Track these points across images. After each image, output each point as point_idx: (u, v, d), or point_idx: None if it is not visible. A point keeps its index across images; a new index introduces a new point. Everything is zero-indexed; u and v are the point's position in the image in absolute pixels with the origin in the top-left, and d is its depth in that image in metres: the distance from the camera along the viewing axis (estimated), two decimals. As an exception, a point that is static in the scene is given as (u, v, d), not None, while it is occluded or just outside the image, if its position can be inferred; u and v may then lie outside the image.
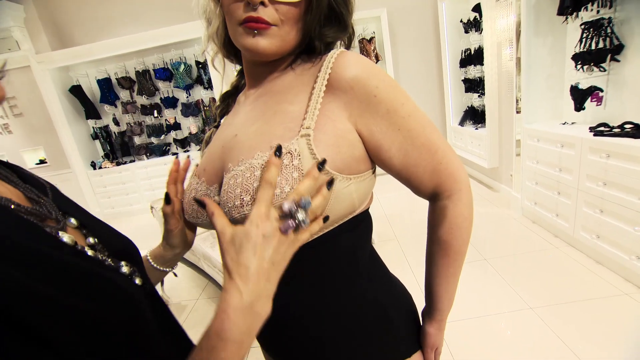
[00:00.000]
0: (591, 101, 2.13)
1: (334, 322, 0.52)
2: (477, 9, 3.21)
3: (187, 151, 4.53)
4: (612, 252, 1.83)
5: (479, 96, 3.49)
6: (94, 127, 4.85)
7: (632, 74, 1.89)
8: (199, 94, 4.39)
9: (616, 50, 1.89)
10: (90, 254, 0.38)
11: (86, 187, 4.78)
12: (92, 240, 0.40)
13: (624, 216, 1.74)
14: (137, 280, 0.41)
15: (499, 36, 2.85)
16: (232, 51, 0.54)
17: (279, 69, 0.51)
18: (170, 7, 4.29)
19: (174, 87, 4.33)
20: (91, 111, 4.69)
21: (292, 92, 0.48)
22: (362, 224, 0.53)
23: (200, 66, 4.24)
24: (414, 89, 4.36)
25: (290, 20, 0.45)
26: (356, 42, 4.16)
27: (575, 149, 1.99)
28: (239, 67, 0.61)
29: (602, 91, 2.05)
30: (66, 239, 0.36)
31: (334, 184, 0.43)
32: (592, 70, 2.06)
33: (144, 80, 4.39)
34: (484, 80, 3.16)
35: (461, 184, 0.51)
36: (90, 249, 0.38)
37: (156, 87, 4.44)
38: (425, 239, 0.57)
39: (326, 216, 0.43)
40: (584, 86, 2.17)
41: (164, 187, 0.56)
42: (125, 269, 0.41)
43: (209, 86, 4.26)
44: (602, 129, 1.89)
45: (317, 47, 0.49)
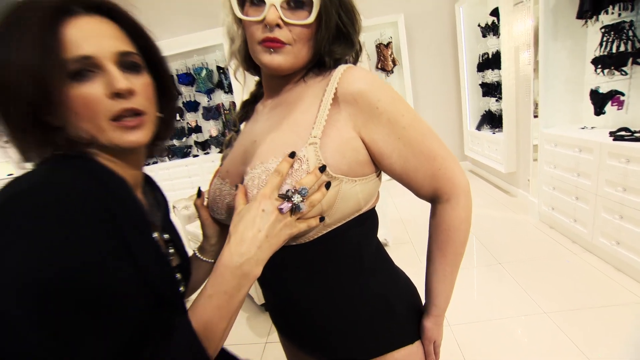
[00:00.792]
0: (612, 105, 2.10)
1: (339, 311, 0.57)
2: (495, 13, 3.20)
3: (207, 153, 4.68)
4: (633, 259, 1.79)
5: (497, 100, 3.46)
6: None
7: (655, 77, 1.86)
8: (220, 98, 4.54)
9: (638, 53, 1.87)
10: (168, 252, 0.53)
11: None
12: (161, 236, 0.53)
13: (644, 222, 1.71)
14: (182, 287, 0.54)
15: (516, 40, 2.84)
16: (251, 65, 0.60)
17: (292, 81, 0.58)
18: (193, 14, 4.47)
19: (196, 91, 4.50)
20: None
21: (303, 103, 0.54)
22: (368, 221, 0.58)
23: (221, 71, 4.40)
24: (431, 93, 4.36)
25: (302, 39, 0.51)
26: (373, 47, 4.21)
27: (593, 153, 1.97)
28: (257, 78, 0.68)
29: (623, 95, 2.02)
30: (155, 235, 0.48)
31: (331, 186, 0.49)
32: (613, 74, 2.04)
33: (167, 85, 4.59)
34: (501, 84, 3.14)
35: (459, 189, 0.54)
36: (167, 246, 0.54)
37: (179, 91, 4.63)
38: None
39: (321, 217, 0.50)
40: (604, 90, 2.14)
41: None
42: (180, 279, 0.53)
43: (229, 90, 4.41)
44: (622, 133, 1.87)
45: (327, 62, 0.55)
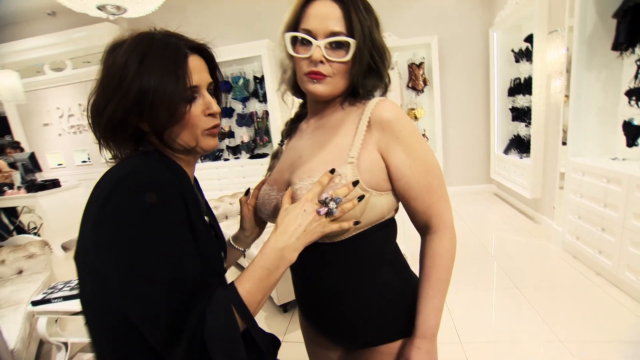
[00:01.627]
0: (644, 138, 2.07)
1: (361, 300, 0.67)
2: (529, 39, 3.23)
3: (238, 158, 4.91)
4: (659, 296, 1.75)
5: (526, 125, 3.45)
6: (159, 130, 5.45)
7: (691, 113, 1.84)
8: (254, 106, 4.79)
9: (672, 88, 1.85)
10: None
11: (147, 182, 5.35)
12: (208, 219, 0.67)
13: (672, 258, 1.67)
14: (223, 255, 0.67)
15: (549, 67, 2.85)
16: (297, 91, 0.73)
17: (331, 106, 0.70)
18: (237, 26, 4.78)
19: (232, 98, 4.77)
20: (159, 116, 5.30)
21: (342, 128, 0.66)
22: (389, 227, 0.69)
23: (257, 81, 4.65)
24: (460, 114, 4.39)
25: (340, 73, 0.63)
26: (405, 66, 4.31)
27: (622, 185, 1.95)
28: (300, 100, 0.81)
29: (656, 129, 2.00)
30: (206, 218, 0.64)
31: (364, 199, 0.61)
32: (647, 107, 2.02)
33: (207, 91, 4.90)
34: (531, 109, 3.14)
35: (446, 224, 0.66)
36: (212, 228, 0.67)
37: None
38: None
39: (356, 221, 0.61)
40: (638, 122, 2.12)
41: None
42: (223, 255, 0.69)
43: (264, 100, 4.64)
44: (653, 167, 1.85)
45: (360, 93, 0.66)
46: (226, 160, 4.93)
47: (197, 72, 0.56)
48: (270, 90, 4.51)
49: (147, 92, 0.51)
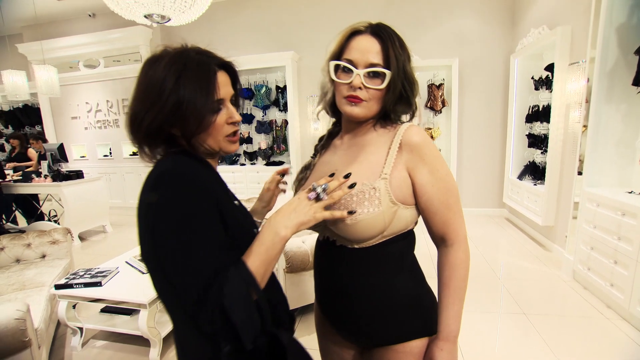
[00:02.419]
0: (661, 174, 2.08)
1: (378, 301, 0.73)
2: (549, 68, 3.28)
3: (254, 164, 5.03)
4: (669, 334, 1.73)
5: (542, 153, 3.46)
6: (180, 131, 5.64)
7: None
8: (274, 114, 4.92)
9: (691, 127, 1.87)
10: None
11: (164, 180, 5.51)
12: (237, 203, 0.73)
13: (684, 297, 1.66)
14: (256, 230, 0.73)
15: (568, 98, 2.88)
16: (334, 111, 0.84)
17: (364, 127, 0.79)
18: (262, 36, 4.97)
19: (253, 105, 4.92)
20: (181, 117, 5.48)
21: (374, 147, 0.75)
22: (410, 237, 0.77)
23: (279, 90, 4.79)
24: (476, 137, 4.42)
25: (375, 98, 0.72)
26: (425, 86, 4.39)
27: (637, 219, 1.95)
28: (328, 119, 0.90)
29: (673, 166, 2.00)
30: (236, 201, 0.71)
31: (392, 209, 0.69)
32: (665, 143, 2.04)
33: (229, 97, 5.07)
34: (548, 137, 3.16)
35: (460, 238, 0.73)
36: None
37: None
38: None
39: (350, 211, 0.67)
40: (655, 158, 2.13)
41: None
42: (255, 230, 0.74)
43: (284, 109, 4.77)
44: (668, 203, 1.85)
45: (392, 117, 0.76)
46: (242, 165, 5.05)
47: (223, 86, 0.64)
48: (291, 100, 4.64)
49: (182, 104, 0.59)
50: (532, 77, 3.64)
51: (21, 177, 4.34)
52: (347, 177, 0.66)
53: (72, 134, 5.93)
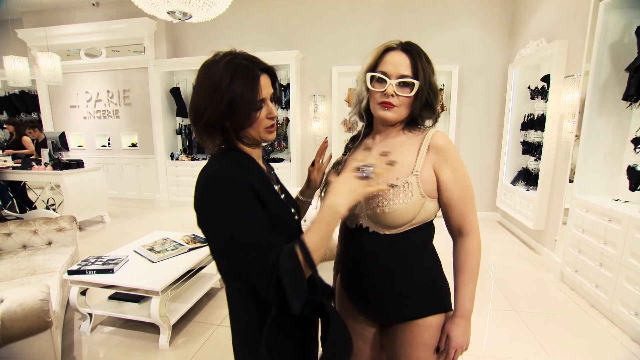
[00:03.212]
0: (646, 184, 2.23)
1: (406, 281, 0.85)
2: (546, 79, 3.42)
3: (253, 159, 5.09)
4: (648, 332, 1.88)
5: (535, 160, 3.61)
6: (180, 124, 5.65)
7: (690, 166, 2.00)
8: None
9: (675, 141, 2.02)
10: (282, 197, 0.84)
11: (162, 173, 5.52)
12: (277, 187, 0.85)
13: (662, 297, 1.81)
14: (296, 217, 0.85)
15: (562, 109, 3.03)
16: (365, 116, 0.95)
17: (395, 130, 0.90)
18: (267, 34, 5.03)
19: (256, 102, 4.97)
20: (181, 110, 5.49)
21: (405, 148, 0.86)
22: (430, 227, 0.89)
23: (282, 88, 4.86)
24: (473, 142, 4.57)
25: (404, 104, 0.84)
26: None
27: (622, 225, 2.10)
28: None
29: (657, 176, 2.16)
30: (276, 188, 0.82)
31: (420, 201, 0.80)
32: (651, 155, 2.18)
33: (232, 93, 5.11)
34: (542, 145, 3.31)
35: (475, 229, 0.86)
36: (281, 193, 0.85)
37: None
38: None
39: (391, 184, 0.78)
40: (641, 169, 2.28)
41: None
42: (293, 210, 0.85)
43: (286, 107, 4.84)
44: (652, 211, 2.00)
45: (418, 122, 0.88)
46: (243, 160, 5.10)
47: (265, 87, 0.75)
48: (293, 98, 4.72)
49: (234, 101, 0.70)
50: (529, 87, 3.79)
51: (20, 165, 4.33)
52: (384, 154, 0.73)
53: (70, 122, 5.89)
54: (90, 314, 2.11)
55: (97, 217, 4.61)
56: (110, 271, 2.00)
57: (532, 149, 3.67)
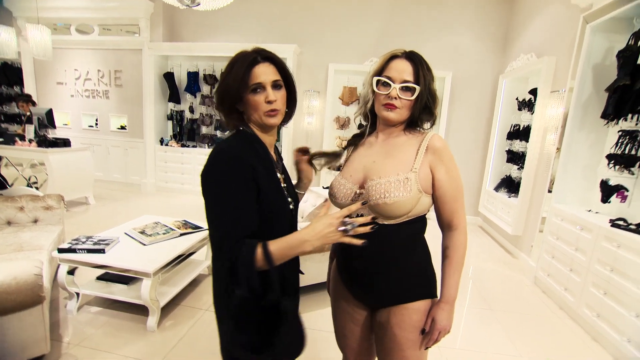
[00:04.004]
0: (616, 197, 2.40)
1: (401, 267, 0.93)
2: (533, 92, 3.59)
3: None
4: (608, 333, 2.04)
5: (518, 168, 3.78)
6: (172, 110, 5.58)
7: (657, 183, 2.17)
8: (270, 104, 4.99)
9: (645, 159, 2.19)
10: (283, 185, 0.92)
11: (150, 158, 5.45)
12: (281, 176, 0.93)
13: (623, 301, 1.97)
14: (291, 206, 0.92)
15: (547, 121, 3.19)
16: (369, 117, 1.03)
17: (396, 130, 0.98)
18: (266, 27, 5.02)
19: (251, 93, 4.96)
20: (174, 95, 5.42)
21: (406, 147, 0.94)
22: (423, 220, 0.97)
23: (277, 82, 4.86)
24: (460, 147, 4.72)
25: (406, 107, 0.92)
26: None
27: (592, 234, 2.26)
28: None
29: (627, 191, 2.32)
30: (278, 175, 0.91)
31: (417, 196, 0.88)
32: (623, 171, 2.35)
33: (227, 82, 5.09)
34: (525, 155, 3.48)
35: (462, 224, 0.95)
36: (284, 183, 0.93)
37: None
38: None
39: (364, 242, 0.78)
40: (613, 183, 2.45)
41: None
42: (290, 200, 0.92)
43: (281, 100, 4.85)
44: (620, 222, 2.16)
45: (417, 124, 0.96)
46: (234, 150, 5.09)
47: (263, 74, 0.84)
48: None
49: (229, 81, 0.83)
50: (517, 98, 3.96)
51: (2, 139, 4.19)
52: (373, 220, 0.80)
53: (57, 99, 5.72)
54: (77, 294, 2.12)
55: (82, 198, 4.53)
56: (101, 251, 2.01)
57: (516, 158, 3.84)
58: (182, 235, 2.38)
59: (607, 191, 2.46)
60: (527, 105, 3.74)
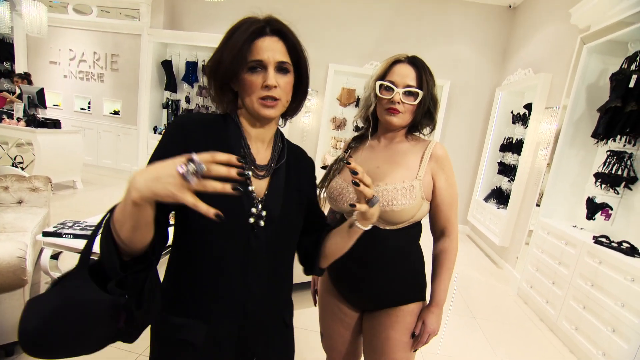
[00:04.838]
0: (601, 215, 2.46)
1: (398, 271, 0.95)
2: (528, 107, 3.65)
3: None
4: (585, 346, 2.10)
5: (509, 181, 3.85)
6: (168, 98, 5.50)
7: (641, 204, 2.24)
8: (268, 100, 4.97)
9: (631, 180, 2.25)
10: (250, 189, 0.70)
11: (143, 145, 5.37)
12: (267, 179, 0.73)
13: (601, 316, 2.02)
14: (252, 220, 0.69)
15: (539, 136, 3.26)
16: (370, 120, 1.01)
17: (398, 135, 0.99)
18: (269, 23, 4.99)
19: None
20: (171, 84, 5.35)
21: (409, 154, 0.95)
22: (420, 225, 0.99)
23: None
24: (453, 155, 4.69)
25: (408, 111, 0.93)
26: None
27: (576, 249, 2.31)
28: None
29: (611, 209, 2.39)
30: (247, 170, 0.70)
31: (419, 202, 0.89)
32: (609, 190, 2.41)
33: (226, 74, 5.04)
34: (517, 168, 3.54)
35: (455, 231, 0.97)
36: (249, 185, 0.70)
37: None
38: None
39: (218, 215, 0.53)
40: (598, 201, 2.52)
41: None
42: (255, 213, 0.69)
43: (279, 97, 4.84)
44: (602, 240, 2.22)
45: (419, 129, 0.97)
46: (228, 143, 5.05)
47: (265, 50, 0.65)
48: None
49: (220, 54, 0.66)
50: (512, 112, 4.02)
51: (-11, 116, 4.07)
52: (243, 175, 0.52)
53: (49, 79, 5.58)
54: (60, 279, 2.07)
55: (69, 182, 4.43)
56: (87, 237, 1.97)
57: (507, 170, 3.91)
58: (171, 226, 2.34)
59: (593, 208, 2.52)
60: (521, 119, 3.81)
